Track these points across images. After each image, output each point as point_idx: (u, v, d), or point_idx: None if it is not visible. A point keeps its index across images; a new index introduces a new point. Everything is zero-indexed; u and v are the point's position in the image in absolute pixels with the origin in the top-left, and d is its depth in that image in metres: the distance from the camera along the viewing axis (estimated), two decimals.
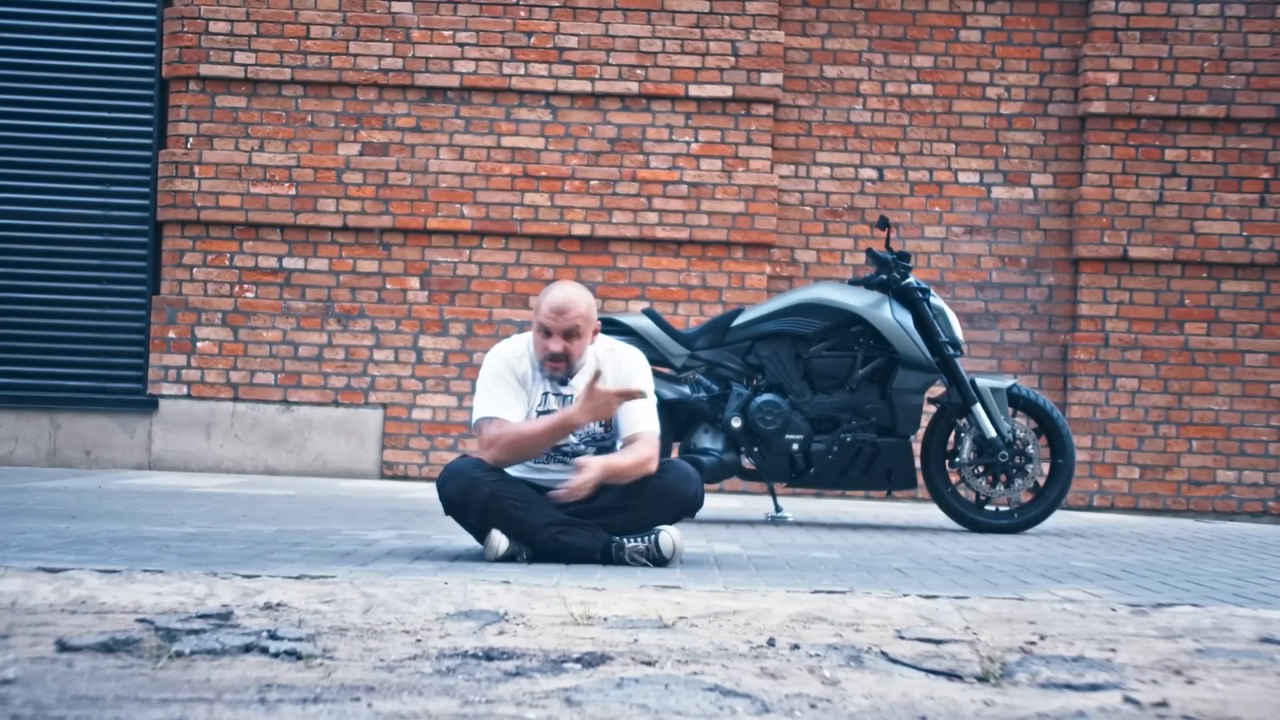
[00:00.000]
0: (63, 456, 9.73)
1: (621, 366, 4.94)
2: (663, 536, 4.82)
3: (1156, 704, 2.87)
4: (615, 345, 5.05)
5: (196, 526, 5.80)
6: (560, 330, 4.80)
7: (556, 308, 4.80)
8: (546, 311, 4.81)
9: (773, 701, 2.79)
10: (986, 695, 2.95)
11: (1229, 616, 3.96)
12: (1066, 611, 3.99)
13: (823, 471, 7.11)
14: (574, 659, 3.16)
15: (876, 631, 3.70)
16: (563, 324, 4.80)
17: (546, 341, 4.82)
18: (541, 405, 4.91)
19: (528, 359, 4.93)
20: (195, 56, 9.73)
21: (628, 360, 4.98)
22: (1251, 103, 9.69)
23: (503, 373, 4.88)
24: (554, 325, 4.80)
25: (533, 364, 4.92)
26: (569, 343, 4.82)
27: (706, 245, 9.67)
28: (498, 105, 9.77)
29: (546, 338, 4.82)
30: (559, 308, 4.80)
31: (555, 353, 4.81)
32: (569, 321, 4.80)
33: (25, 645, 3.18)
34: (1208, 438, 9.46)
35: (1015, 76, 9.86)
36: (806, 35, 9.90)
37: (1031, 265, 9.81)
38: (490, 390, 4.86)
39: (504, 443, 4.77)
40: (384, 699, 2.73)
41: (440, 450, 9.60)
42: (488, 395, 4.86)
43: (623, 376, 4.90)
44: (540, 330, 4.84)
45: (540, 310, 4.83)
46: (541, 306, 4.83)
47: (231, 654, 3.14)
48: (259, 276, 9.74)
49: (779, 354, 7.12)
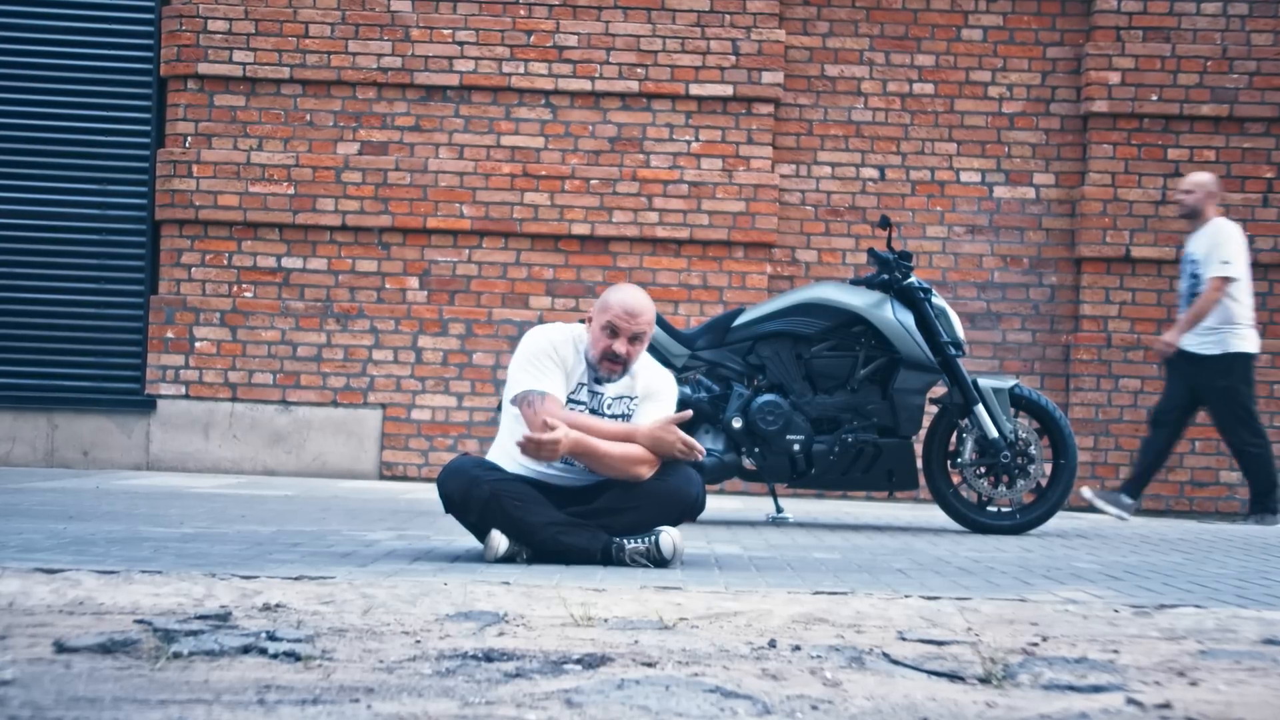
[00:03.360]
0: (60, 457, 9.71)
1: (649, 382, 4.92)
2: (663, 537, 4.80)
3: (1159, 705, 2.86)
4: (645, 361, 5.00)
5: (195, 527, 5.78)
6: (629, 333, 4.76)
7: (631, 310, 4.76)
8: (620, 312, 4.76)
9: (774, 703, 2.78)
10: (989, 697, 2.94)
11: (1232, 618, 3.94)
12: (1069, 613, 3.98)
13: (824, 472, 7.09)
14: (574, 660, 3.15)
15: (878, 633, 3.69)
16: (634, 327, 4.77)
17: (612, 342, 4.76)
18: (575, 393, 4.89)
19: (571, 347, 4.88)
20: (193, 55, 9.71)
21: (656, 378, 4.95)
22: (1254, 102, 9.68)
23: (549, 352, 4.82)
24: (625, 327, 4.76)
25: (577, 354, 4.87)
26: (632, 346, 4.79)
27: (707, 245, 9.66)
28: (497, 104, 9.76)
29: (612, 337, 4.77)
30: (634, 310, 4.77)
31: (618, 354, 4.77)
32: (640, 326, 4.78)
33: (23, 646, 3.17)
34: (1210, 438, 9.43)
35: (1017, 75, 9.84)
36: (808, 34, 9.89)
37: (1034, 265, 9.79)
38: (536, 365, 4.79)
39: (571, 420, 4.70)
40: (383, 700, 2.72)
41: (440, 450, 9.58)
42: (535, 369, 4.78)
43: (650, 391, 4.88)
44: (607, 329, 4.77)
45: (611, 309, 4.77)
46: (613, 305, 4.77)
47: (230, 655, 3.13)
48: (257, 276, 9.72)
49: (780, 354, 7.10)
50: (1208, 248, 8.34)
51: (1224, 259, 8.26)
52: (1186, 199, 8.49)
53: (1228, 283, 8.25)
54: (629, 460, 4.75)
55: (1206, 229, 8.42)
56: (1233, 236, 8.37)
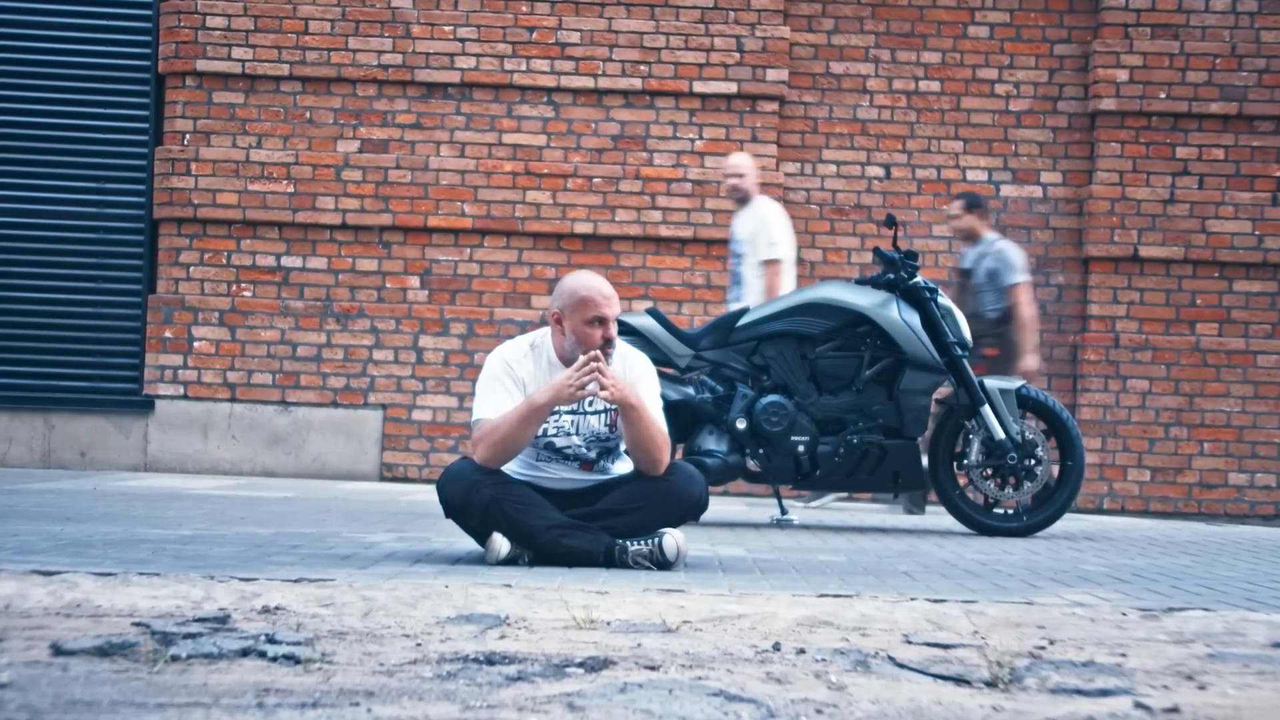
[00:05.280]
0: (57, 458, 9.68)
1: (628, 369, 4.88)
2: (666, 539, 4.78)
3: (1168, 709, 2.84)
4: (622, 347, 4.98)
5: (193, 529, 5.77)
6: (613, 315, 4.79)
7: (608, 294, 4.79)
8: (600, 300, 4.75)
9: (778, 707, 2.76)
10: (995, 700, 2.92)
11: (1241, 621, 3.93)
12: (1076, 616, 3.96)
13: (829, 473, 7.05)
14: (576, 663, 3.14)
15: (883, 636, 3.67)
16: (616, 309, 4.80)
17: (602, 329, 4.75)
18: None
19: (530, 360, 4.86)
20: (192, 52, 9.68)
21: (634, 363, 4.93)
22: (1264, 100, 9.64)
23: (499, 374, 4.84)
24: (609, 312, 4.77)
25: (539, 363, 4.85)
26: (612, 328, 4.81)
27: (711, 244, 9.62)
28: (499, 101, 9.73)
29: (601, 325, 4.75)
30: (610, 294, 4.80)
31: (611, 340, 4.79)
32: (617, 306, 4.82)
33: (20, 649, 3.16)
34: (1219, 440, 9.41)
35: (1024, 73, 9.81)
36: (812, 31, 9.85)
37: (1041, 264, 9.75)
38: (485, 393, 4.83)
39: (487, 440, 4.73)
40: (384, 704, 2.70)
41: (440, 452, 9.55)
42: (483, 398, 4.83)
43: (629, 379, 4.84)
44: (593, 322, 4.75)
45: (591, 301, 4.74)
46: (592, 297, 4.75)
47: (229, 658, 3.12)
48: (257, 275, 9.69)
49: (784, 354, 7.06)
50: (753, 230, 8.25)
51: (771, 240, 8.20)
52: (739, 184, 8.39)
53: (777, 264, 8.17)
54: (664, 434, 4.79)
55: (751, 210, 8.32)
56: (778, 218, 8.30)
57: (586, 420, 4.84)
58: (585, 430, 4.85)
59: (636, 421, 4.71)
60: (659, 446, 4.77)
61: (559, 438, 4.83)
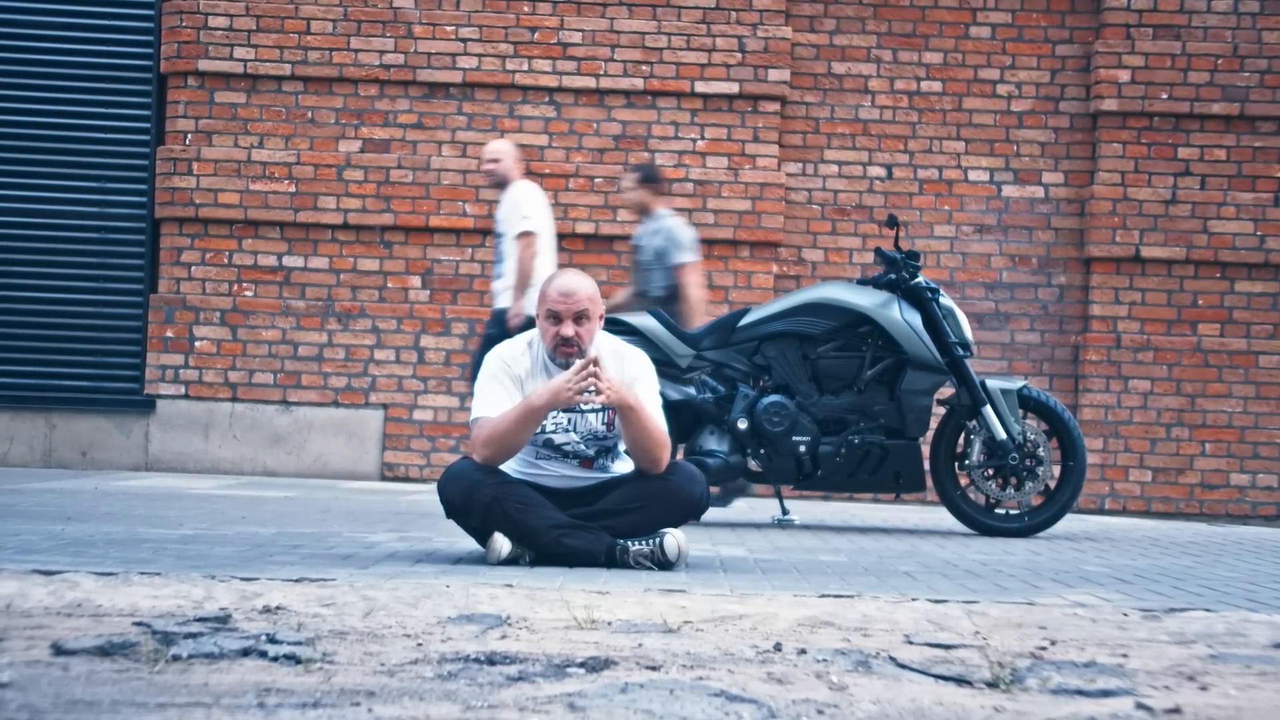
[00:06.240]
0: (58, 457, 9.68)
1: (626, 368, 4.88)
2: (667, 539, 4.77)
3: (1169, 710, 2.84)
4: (620, 346, 4.99)
5: (194, 528, 5.77)
6: (570, 314, 4.75)
7: (565, 291, 4.76)
8: (555, 296, 4.76)
9: (780, 707, 2.76)
10: (996, 701, 2.92)
11: (1243, 622, 3.92)
12: (1078, 616, 3.96)
13: (830, 474, 7.05)
14: (577, 664, 3.14)
15: (885, 636, 3.67)
16: (573, 307, 4.75)
17: (557, 328, 4.76)
18: None
19: (528, 357, 4.87)
20: (194, 51, 9.68)
21: (632, 361, 4.92)
22: (1266, 100, 9.63)
23: (496, 373, 4.84)
24: (564, 309, 4.74)
25: (535, 361, 4.86)
26: (579, 327, 4.76)
27: (713, 244, 9.61)
28: (501, 101, 9.73)
29: (556, 323, 4.76)
30: (567, 291, 4.76)
31: (567, 337, 4.75)
32: (578, 304, 4.75)
33: (20, 649, 3.16)
34: (1221, 440, 9.40)
35: (1026, 73, 9.80)
36: (814, 31, 9.85)
37: (1042, 265, 9.75)
38: (484, 391, 4.83)
39: (483, 439, 4.74)
40: (384, 704, 2.70)
41: (442, 451, 9.55)
42: (481, 396, 4.83)
43: (627, 378, 4.83)
44: (549, 317, 4.77)
45: (547, 297, 4.77)
46: (548, 293, 4.78)
47: (230, 658, 3.11)
48: (258, 275, 9.69)
49: (786, 354, 7.06)
50: (509, 209, 8.21)
51: (524, 215, 8.15)
52: (495, 168, 8.35)
53: (531, 237, 8.10)
54: (663, 433, 4.78)
55: (509, 193, 8.27)
56: (533, 195, 8.27)
57: (584, 418, 4.84)
58: (583, 428, 4.85)
59: (635, 422, 4.70)
60: (658, 445, 4.77)
61: (558, 434, 4.84)
